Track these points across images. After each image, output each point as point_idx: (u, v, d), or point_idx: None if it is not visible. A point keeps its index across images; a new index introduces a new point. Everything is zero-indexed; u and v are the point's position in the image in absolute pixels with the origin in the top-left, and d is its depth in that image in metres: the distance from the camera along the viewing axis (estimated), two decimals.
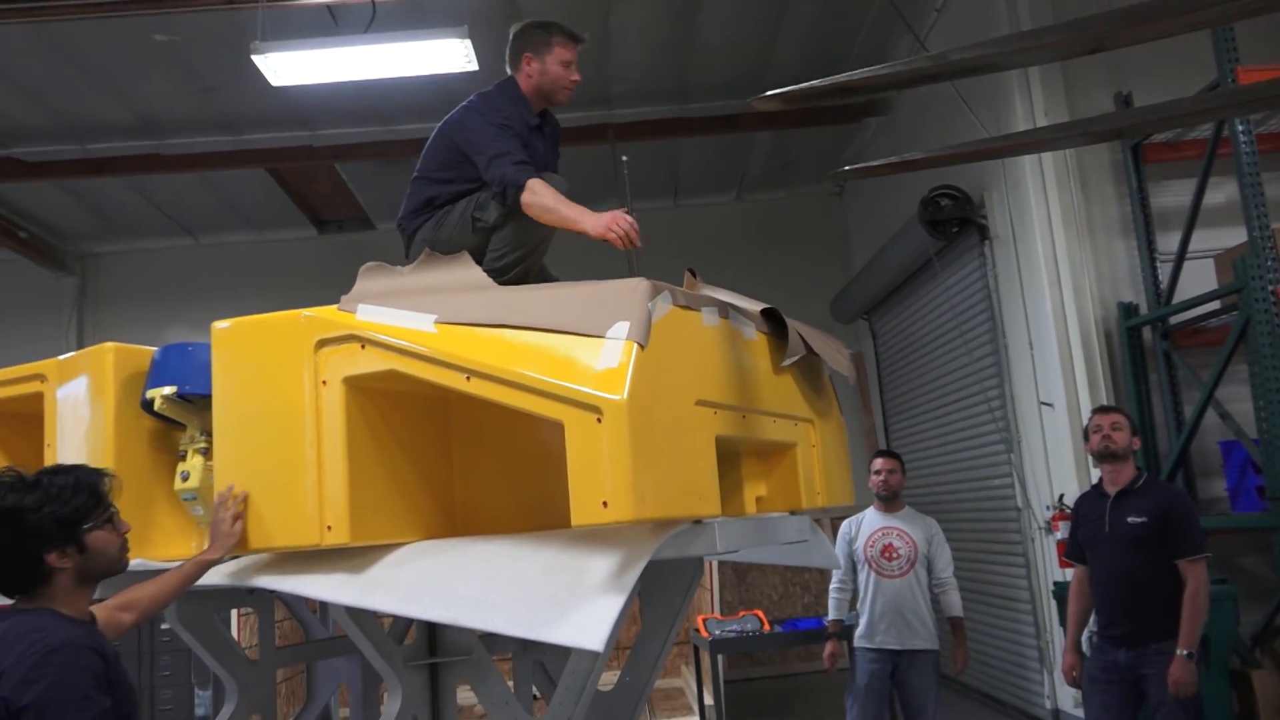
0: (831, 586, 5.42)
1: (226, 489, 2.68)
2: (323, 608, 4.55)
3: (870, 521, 5.25)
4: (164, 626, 8.61)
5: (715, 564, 8.13)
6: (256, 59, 6.21)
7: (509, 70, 3.48)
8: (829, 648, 5.42)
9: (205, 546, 2.71)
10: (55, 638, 2.18)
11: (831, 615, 5.42)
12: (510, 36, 3.46)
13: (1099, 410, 4.54)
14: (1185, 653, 3.98)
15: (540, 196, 3.12)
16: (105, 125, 8.35)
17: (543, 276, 3.63)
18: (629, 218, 3.10)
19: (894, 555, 5.10)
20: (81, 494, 2.32)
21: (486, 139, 3.24)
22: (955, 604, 5.12)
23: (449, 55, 6.35)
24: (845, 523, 5.37)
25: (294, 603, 4.59)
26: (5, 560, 2.27)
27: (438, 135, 3.45)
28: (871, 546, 5.16)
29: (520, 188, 3.13)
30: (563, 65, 3.40)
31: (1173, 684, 3.96)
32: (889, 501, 5.26)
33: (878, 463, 5.31)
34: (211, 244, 11.02)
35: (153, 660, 9.13)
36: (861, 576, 5.22)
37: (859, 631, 5.20)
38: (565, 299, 2.68)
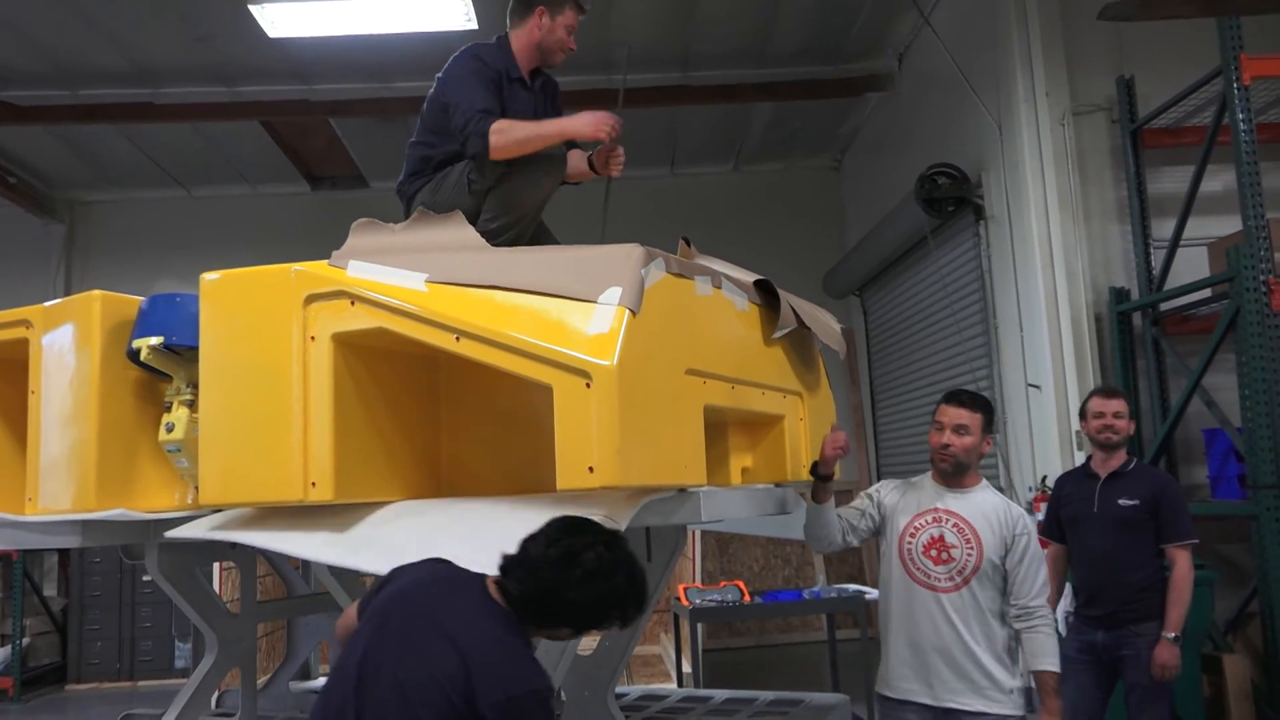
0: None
1: None
2: (305, 564, 4.56)
3: (918, 496, 3.43)
4: (145, 578, 8.64)
5: (698, 533, 8.16)
6: (254, 9, 6.14)
7: (510, 19, 3.53)
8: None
9: (189, 498, 2.69)
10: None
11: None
12: None
13: (1102, 393, 4.41)
14: (1172, 635, 4.02)
15: (509, 133, 3.18)
16: (99, 71, 8.23)
17: (544, 239, 3.62)
18: (613, 116, 3.24)
19: (944, 556, 3.29)
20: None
21: (457, 87, 3.30)
22: (1046, 649, 3.23)
23: (449, 12, 6.30)
24: (884, 481, 3.61)
25: (276, 558, 4.60)
26: (559, 609, 2.17)
27: (431, 95, 3.45)
28: (911, 536, 3.34)
29: (483, 135, 3.16)
30: (567, 30, 3.49)
31: (1158, 667, 4.00)
32: (953, 474, 3.39)
33: (948, 412, 3.39)
34: (203, 196, 10.92)
35: (134, 611, 9.17)
36: (886, 577, 3.44)
37: (879, 674, 3.44)
38: (558, 262, 2.67)
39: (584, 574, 2.14)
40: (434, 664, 2.07)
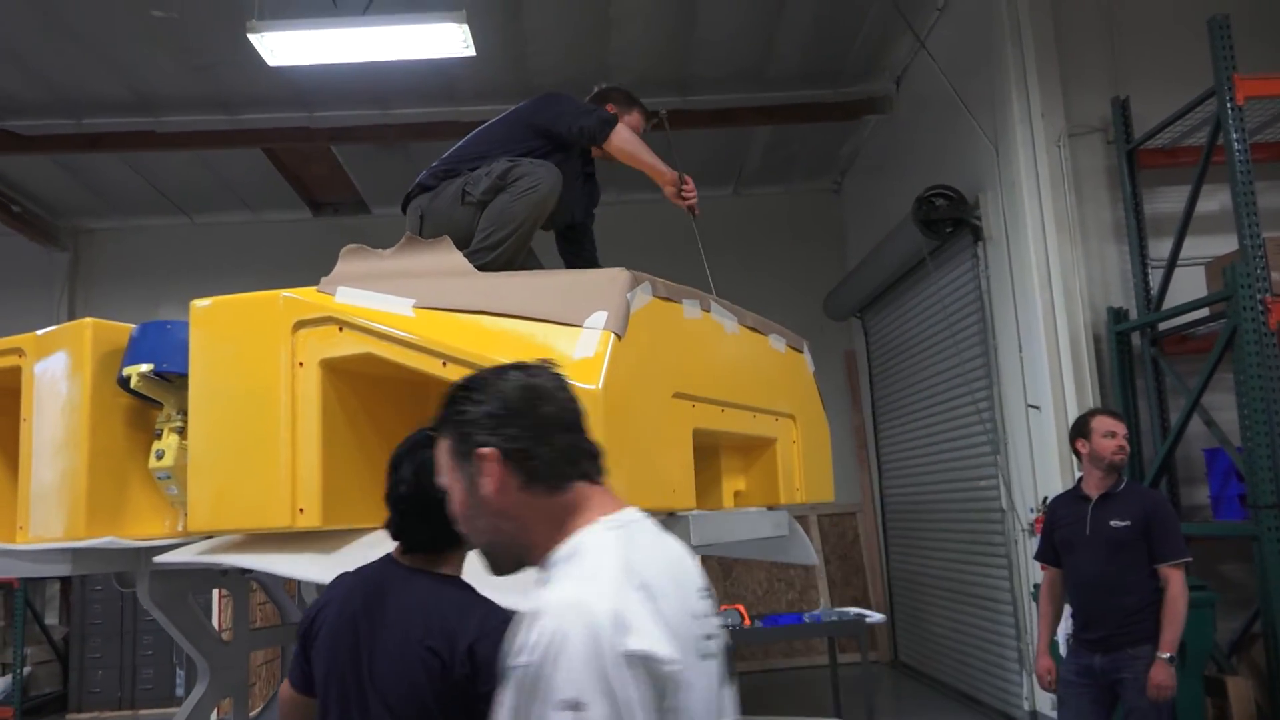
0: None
1: None
2: (300, 591, 4.55)
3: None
4: None
5: (699, 559, 8.12)
6: (253, 38, 6.18)
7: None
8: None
9: (179, 525, 2.69)
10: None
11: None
12: (596, 88, 3.98)
13: (1109, 414, 4.34)
14: (1167, 656, 3.98)
15: (630, 139, 3.60)
16: (101, 100, 8.30)
17: (530, 264, 3.66)
18: (692, 187, 3.74)
19: None
20: None
21: (574, 104, 3.66)
22: None
23: (447, 39, 6.32)
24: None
25: (271, 585, 4.59)
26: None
27: (514, 113, 3.72)
28: None
29: (612, 124, 3.56)
30: (631, 129, 3.84)
31: (1153, 687, 3.96)
32: None
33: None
34: (206, 223, 10.97)
35: (135, 639, 9.14)
36: None
37: None
38: (544, 287, 2.68)
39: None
40: (403, 672, 2.03)
